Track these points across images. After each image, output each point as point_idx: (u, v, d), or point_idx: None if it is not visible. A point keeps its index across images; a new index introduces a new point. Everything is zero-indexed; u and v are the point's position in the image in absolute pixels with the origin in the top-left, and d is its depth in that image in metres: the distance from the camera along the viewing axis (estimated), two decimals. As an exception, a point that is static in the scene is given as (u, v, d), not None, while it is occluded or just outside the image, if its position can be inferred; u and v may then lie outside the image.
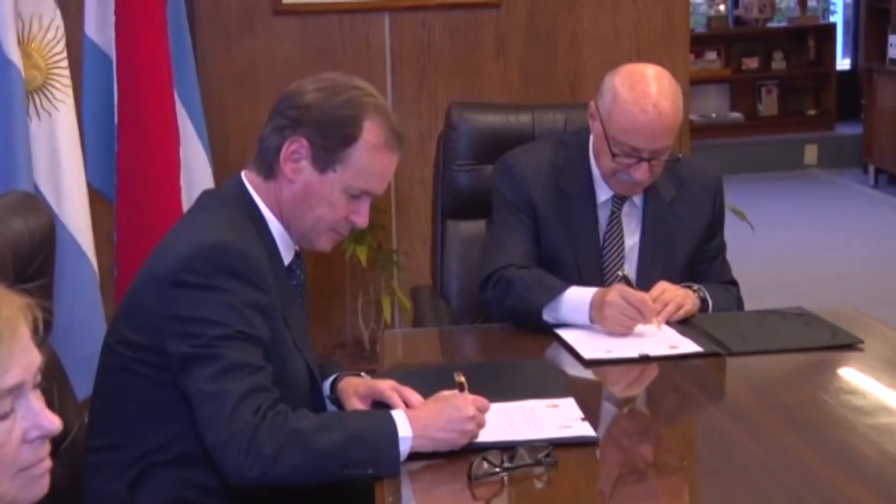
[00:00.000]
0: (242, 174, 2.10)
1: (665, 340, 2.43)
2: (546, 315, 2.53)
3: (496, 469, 1.78)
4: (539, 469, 1.80)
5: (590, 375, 2.31)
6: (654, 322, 2.44)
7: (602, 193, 2.71)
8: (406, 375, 2.13)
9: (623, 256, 2.71)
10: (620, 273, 2.54)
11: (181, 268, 1.90)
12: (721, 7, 9.53)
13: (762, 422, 2.05)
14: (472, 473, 1.76)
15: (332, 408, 2.12)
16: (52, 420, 1.34)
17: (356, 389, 2.10)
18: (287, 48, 4.15)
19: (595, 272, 2.68)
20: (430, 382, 2.06)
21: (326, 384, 2.15)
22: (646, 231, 2.73)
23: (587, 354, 2.36)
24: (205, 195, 2.16)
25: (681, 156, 2.72)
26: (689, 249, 2.75)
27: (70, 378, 2.13)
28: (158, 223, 3.25)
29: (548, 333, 2.50)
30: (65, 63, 3.30)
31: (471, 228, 3.12)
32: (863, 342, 2.40)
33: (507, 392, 1.96)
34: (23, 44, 3.19)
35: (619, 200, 2.71)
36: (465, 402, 1.88)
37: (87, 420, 2.09)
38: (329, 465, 1.82)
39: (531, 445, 1.83)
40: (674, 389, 2.30)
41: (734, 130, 9.08)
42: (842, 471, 1.80)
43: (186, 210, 2.50)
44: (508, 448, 1.82)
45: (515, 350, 2.51)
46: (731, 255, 2.88)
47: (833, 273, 6.14)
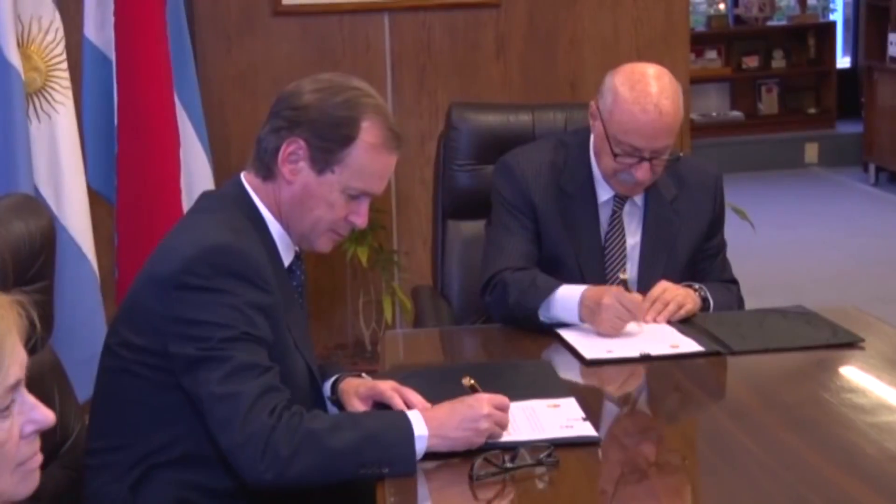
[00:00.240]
0: (241, 175, 2.10)
1: (666, 340, 2.43)
2: (542, 315, 2.53)
3: (498, 469, 1.78)
4: (540, 469, 1.80)
5: (591, 375, 2.31)
6: (649, 319, 2.46)
7: (603, 193, 2.71)
8: (407, 376, 2.13)
9: (625, 256, 2.71)
10: (621, 276, 2.54)
11: (183, 270, 1.89)
12: (721, 6, 9.52)
13: (763, 421, 2.05)
14: (474, 474, 1.76)
15: (333, 409, 2.12)
16: (46, 414, 1.35)
17: (357, 390, 2.09)
18: (287, 49, 4.15)
19: (597, 272, 2.68)
20: (432, 383, 2.07)
21: (327, 385, 2.14)
22: (647, 230, 2.73)
23: (588, 354, 2.36)
24: (204, 196, 2.15)
25: (681, 155, 2.72)
26: (690, 248, 2.75)
27: (71, 380, 2.13)
28: (159, 225, 3.25)
29: (548, 333, 2.50)
30: (64, 65, 3.29)
31: (471, 228, 3.12)
32: (864, 341, 2.40)
33: (509, 392, 1.96)
34: (22, 46, 3.19)
35: (620, 200, 2.71)
36: (479, 401, 1.88)
37: (88, 422, 2.08)
38: (344, 466, 1.81)
39: (532, 445, 1.83)
40: (675, 389, 2.30)
41: (734, 129, 9.08)
42: (843, 469, 1.80)
43: (186, 211, 2.49)
44: (510, 448, 1.82)
45: (516, 350, 2.51)
46: (732, 254, 2.87)
47: (834, 271, 6.14)
